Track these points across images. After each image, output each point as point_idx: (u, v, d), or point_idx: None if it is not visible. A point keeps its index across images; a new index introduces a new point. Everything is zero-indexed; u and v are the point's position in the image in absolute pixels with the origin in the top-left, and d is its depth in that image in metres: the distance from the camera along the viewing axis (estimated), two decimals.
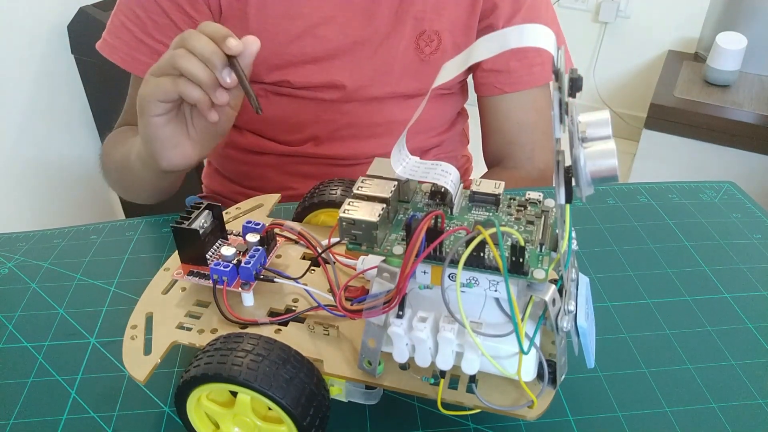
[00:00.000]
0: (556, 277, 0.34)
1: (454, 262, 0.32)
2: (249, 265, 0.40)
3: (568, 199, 0.29)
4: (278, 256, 0.46)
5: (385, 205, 0.34)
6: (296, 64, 0.69)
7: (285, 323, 0.40)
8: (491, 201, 0.37)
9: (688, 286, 0.53)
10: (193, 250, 0.42)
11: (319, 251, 0.44)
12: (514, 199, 0.37)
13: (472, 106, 0.81)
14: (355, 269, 0.43)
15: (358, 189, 0.36)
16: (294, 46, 0.68)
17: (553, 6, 0.77)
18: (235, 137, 0.77)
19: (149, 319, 0.42)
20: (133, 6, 0.68)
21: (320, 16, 0.68)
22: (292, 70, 0.69)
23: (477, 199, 0.37)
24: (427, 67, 0.71)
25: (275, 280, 0.42)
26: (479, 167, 0.85)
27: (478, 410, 0.36)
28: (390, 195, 0.35)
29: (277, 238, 0.45)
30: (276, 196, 0.54)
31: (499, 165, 0.79)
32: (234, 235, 0.45)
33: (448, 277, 0.33)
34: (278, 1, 0.67)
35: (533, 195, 0.37)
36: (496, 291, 0.33)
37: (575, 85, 0.27)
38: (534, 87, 0.74)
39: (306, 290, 0.42)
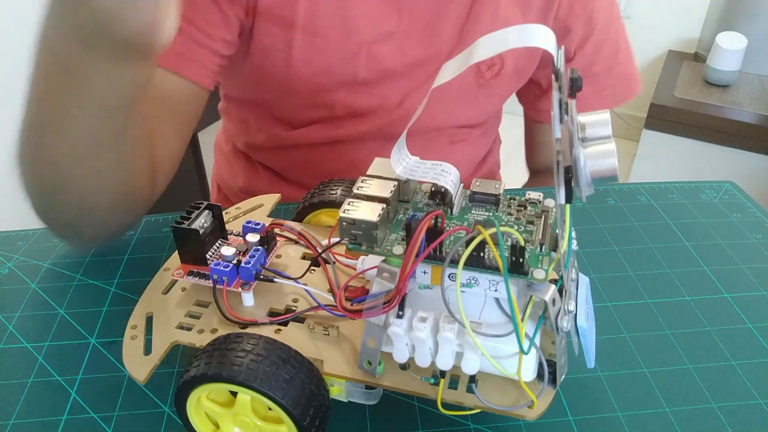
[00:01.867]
0: (556, 277, 0.34)
1: (454, 262, 0.32)
2: (249, 265, 0.40)
3: (568, 199, 0.29)
4: (278, 256, 0.46)
5: (385, 205, 0.34)
6: (346, 86, 0.62)
7: (285, 323, 0.40)
8: (491, 201, 0.37)
9: (688, 286, 0.53)
10: (193, 250, 0.42)
11: (319, 251, 0.44)
12: (514, 199, 0.37)
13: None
14: (355, 269, 0.43)
15: (358, 189, 0.36)
16: (346, 66, 0.61)
17: (623, 21, 0.72)
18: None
19: (149, 319, 0.42)
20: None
21: (378, 32, 0.61)
22: (340, 93, 0.63)
23: (477, 199, 0.37)
24: (485, 92, 0.67)
25: (275, 280, 0.42)
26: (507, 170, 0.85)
27: (478, 410, 0.36)
28: (390, 195, 0.35)
29: (277, 238, 0.45)
30: (276, 196, 0.54)
31: (548, 172, 0.78)
32: (234, 235, 0.46)
33: (448, 277, 0.33)
34: (333, 11, 0.59)
35: (533, 195, 0.37)
36: (496, 291, 0.33)
37: (575, 85, 0.27)
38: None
39: (306, 290, 0.42)
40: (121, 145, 0.46)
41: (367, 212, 0.34)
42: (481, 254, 0.32)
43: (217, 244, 0.44)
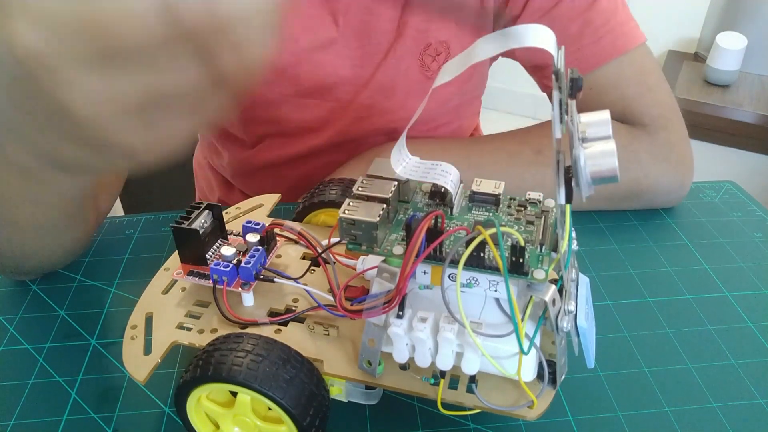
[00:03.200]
0: (556, 277, 0.34)
1: (454, 263, 0.32)
2: (249, 265, 0.40)
3: (569, 199, 0.29)
4: (278, 256, 0.46)
5: (385, 206, 0.34)
6: (290, 99, 0.61)
7: (285, 323, 0.40)
8: (491, 201, 0.37)
9: (689, 285, 0.53)
10: (193, 250, 0.42)
11: (319, 251, 0.44)
12: (514, 199, 0.37)
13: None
14: (355, 269, 0.43)
15: (358, 189, 0.36)
16: (286, 76, 0.60)
17: None
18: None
19: (149, 320, 0.42)
20: None
21: (317, 40, 0.60)
22: (285, 107, 0.61)
23: (477, 199, 0.37)
24: (426, 83, 0.64)
25: (275, 280, 0.42)
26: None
27: (478, 410, 0.36)
28: (390, 195, 0.35)
29: (277, 238, 0.45)
30: (276, 196, 0.54)
31: None
32: (234, 235, 0.45)
33: (448, 277, 0.33)
34: None
35: (533, 195, 0.37)
36: (496, 291, 0.33)
37: (575, 85, 0.27)
38: (610, 60, 0.60)
39: (306, 290, 0.42)
40: (73, 216, 0.46)
41: (367, 212, 0.34)
42: (481, 254, 0.32)
43: (217, 244, 0.44)
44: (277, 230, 0.45)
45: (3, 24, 0.22)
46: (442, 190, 0.37)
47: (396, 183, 0.36)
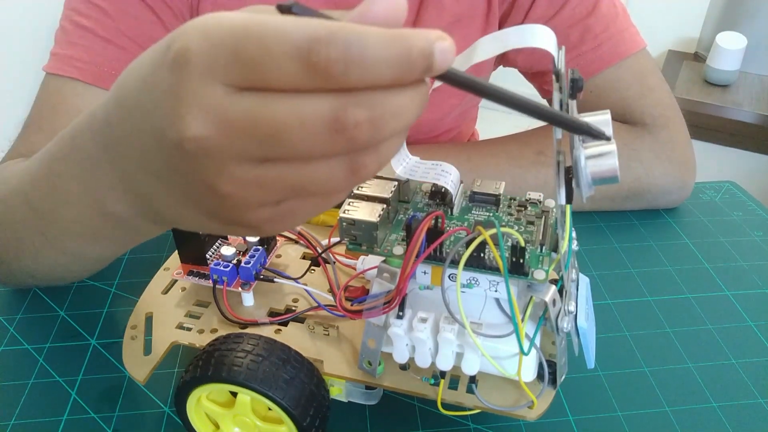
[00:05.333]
0: (557, 277, 0.34)
1: (454, 263, 0.32)
2: (249, 265, 0.40)
3: (569, 199, 0.29)
4: (278, 256, 0.46)
5: (385, 206, 0.34)
6: None
7: (285, 323, 0.40)
8: (491, 201, 0.37)
9: (690, 284, 0.53)
10: (193, 249, 0.42)
11: (319, 251, 0.44)
12: (515, 199, 0.37)
13: None
14: (355, 269, 0.43)
15: (358, 189, 0.36)
16: None
17: None
18: None
19: (149, 320, 0.42)
20: None
21: None
22: None
23: (477, 199, 0.37)
24: (436, 94, 0.64)
25: (275, 280, 0.42)
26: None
27: (478, 410, 0.36)
28: (390, 195, 0.35)
29: (277, 238, 0.45)
30: None
31: None
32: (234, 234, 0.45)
33: (449, 277, 0.33)
34: None
35: (533, 195, 0.37)
36: (496, 291, 0.33)
37: (576, 86, 0.27)
38: (608, 67, 0.61)
39: (306, 290, 0.42)
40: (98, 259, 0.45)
41: (367, 212, 0.34)
42: (482, 255, 0.32)
43: (217, 243, 0.44)
44: None
45: (178, 114, 0.23)
46: (442, 190, 0.37)
47: (396, 183, 0.36)
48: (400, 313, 0.35)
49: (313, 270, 0.44)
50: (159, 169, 0.27)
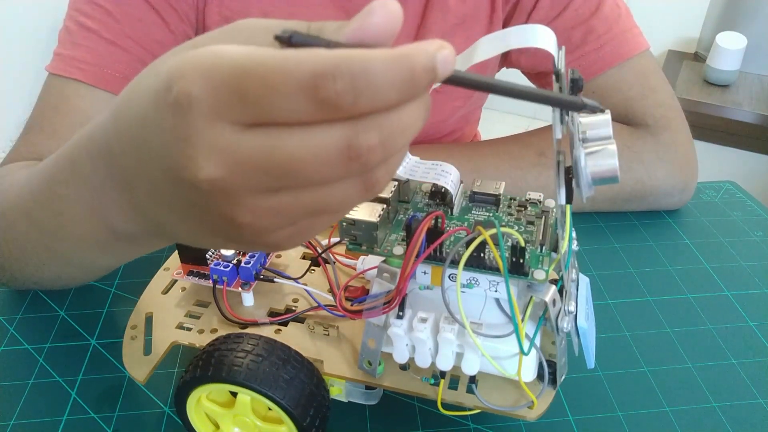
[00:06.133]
0: (557, 277, 0.34)
1: (454, 263, 0.32)
2: (249, 265, 0.40)
3: (569, 199, 0.29)
4: (278, 256, 0.46)
5: (385, 206, 0.34)
6: None
7: (285, 323, 0.40)
8: (491, 201, 0.37)
9: (690, 284, 0.53)
10: (193, 249, 0.42)
11: (319, 251, 0.44)
12: (515, 199, 0.37)
13: None
14: (355, 269, 0.43)
15: None
16: None
17: None
18: None
19: (149, 320, 0.42)
20: (98, 0, 0.54)
21: None
22: None
23: (477, 199, 0.37)
24: (442, 96, 0.64)
25: (275, 280, 0.42)
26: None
27: (478, 410, 0.36)
28: (390, 195, 0.35)
29: None
30: None
31: None
32: None
33: (449, 277, 0.33)
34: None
35: (533, 195, 0.37)
36: (496, 291, 0.33)
37: (576, 85, 0.27)
38: (610, 68, 0.61)
39: (306, 290, 0.42)
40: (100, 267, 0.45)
41: (367, 213, 0.34)
42: (482, 255, 0.32)
43: None
44: None
45: (189, 158, 0.23)
46: (442, 190, 0.37)
47: (396, 183, 0.36)
48: (400, 313, 0.35)
49: (313, 270, 0.44)
50: (172, 202, 0.26)
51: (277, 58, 0.21)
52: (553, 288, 0.33)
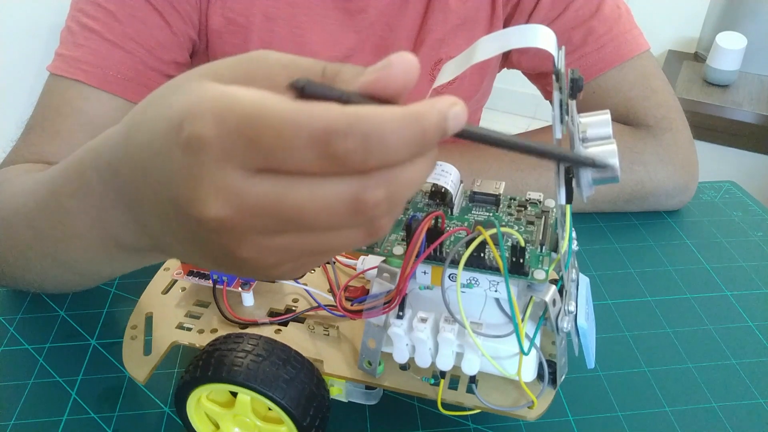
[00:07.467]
0: (557, 277, 0.34)
1: (454, 263, 0.32)
2: None
3: (569, 199, 0.29)
4: None
5: None
6: None
7: (285, 323, 0.40)
8: (491, 201, 0.37)
9: (689, 284, 0.53)
10: None
11: None
12: (515, 199, 0.37)
13: None
14: (355, 269, 0.43)
15: None
16: None
17: None
18: None
19: (149, 320, 0.42)
20: (101, 1, 0.54)
21: (336, 53, 0.60)
22: None
23: (477, 199, 0.37)
24: (447, 93, 0.65)
25: (275, 280, 0.42)
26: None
27: (478, 410, 0.36)
28: None
29: None
30: None
31: None
32: None
33: (449, 277, 0.33)
34: (287, 35, 0.58)
35: (533, 195, 0.37)
36: (496, 291, 0.33)
37: (576, 85, 0.27)
38: (611, 68, 0.61)
39: (306, 290, 0.42)
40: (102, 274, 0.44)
41: None
42: (482, 255, 0.32)
43: None
44: None
45: (197, 196, 0.23)
46: (442, 190, 0.37)
47: None
48: (400, 313, 0.35)
49: (313, 270, 0.44)
50: (177, 230, 0.27)
51: (291, 111, 0.21)
52: (553, 288, 0.33)
